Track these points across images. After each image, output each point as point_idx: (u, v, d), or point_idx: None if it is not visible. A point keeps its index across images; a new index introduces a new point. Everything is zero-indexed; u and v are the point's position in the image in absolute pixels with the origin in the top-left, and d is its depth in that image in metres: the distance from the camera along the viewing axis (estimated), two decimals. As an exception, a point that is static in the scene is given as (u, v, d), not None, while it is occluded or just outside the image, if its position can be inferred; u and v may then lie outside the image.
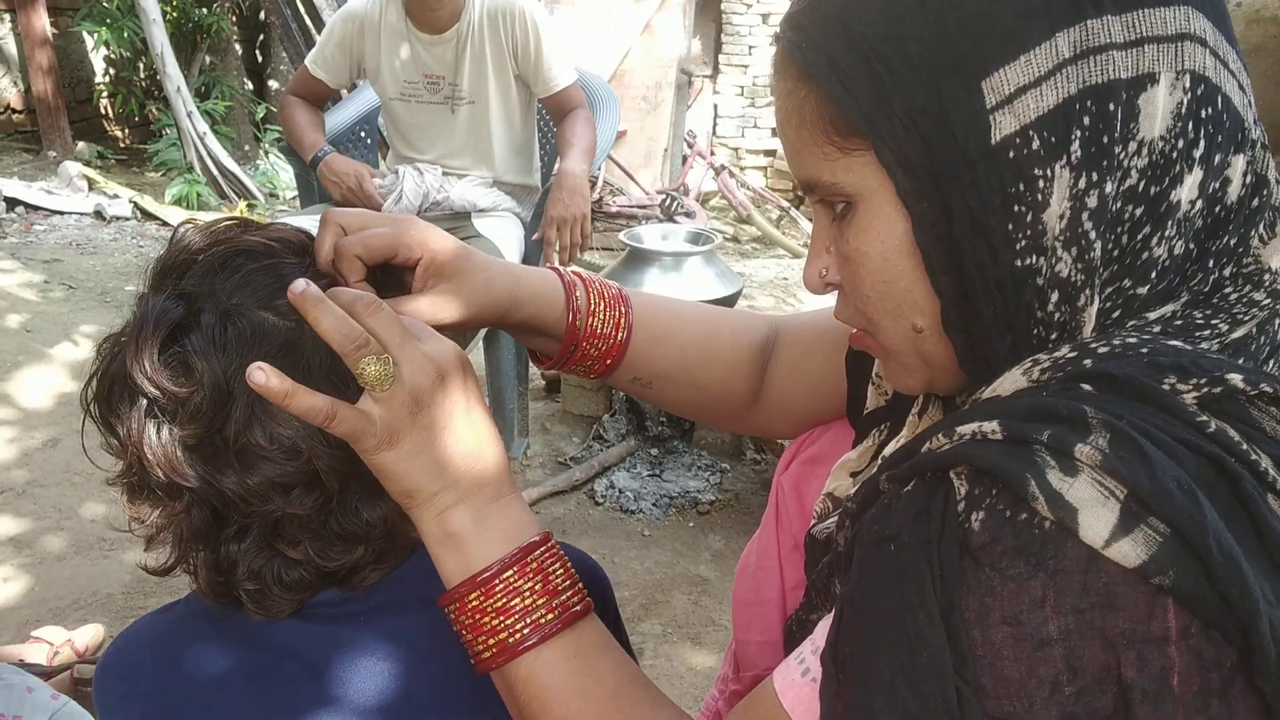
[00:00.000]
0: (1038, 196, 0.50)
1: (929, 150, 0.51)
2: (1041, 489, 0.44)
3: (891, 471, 0.54)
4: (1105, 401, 0.47)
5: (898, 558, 0.48)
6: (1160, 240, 0.51)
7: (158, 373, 0.60)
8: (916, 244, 0.53)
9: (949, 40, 0.49)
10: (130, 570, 2.20)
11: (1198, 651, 0.42)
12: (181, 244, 0.66)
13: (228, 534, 0.65)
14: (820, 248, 0.60)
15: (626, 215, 5.40)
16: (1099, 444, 0.44)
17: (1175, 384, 0.47)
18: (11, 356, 3.24)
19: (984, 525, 0.45)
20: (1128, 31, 0.49)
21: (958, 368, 0.57)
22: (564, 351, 0.81)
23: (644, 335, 0.83)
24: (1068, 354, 0.50)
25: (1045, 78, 0.49)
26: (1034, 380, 0.51)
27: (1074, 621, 0.43)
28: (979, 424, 0.48)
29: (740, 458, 2.77)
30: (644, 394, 0.86)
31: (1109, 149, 0.49)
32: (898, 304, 0.56)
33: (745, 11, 6.55)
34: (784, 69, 0.56)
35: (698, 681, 1.94)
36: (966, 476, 0.47)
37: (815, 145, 0.55)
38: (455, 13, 2.40)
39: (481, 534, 0.62)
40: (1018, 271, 0.51)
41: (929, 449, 0.52)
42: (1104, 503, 0.43)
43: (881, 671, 0.47)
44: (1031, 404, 0.48)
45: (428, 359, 0.61)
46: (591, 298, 0.81)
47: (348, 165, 2.46)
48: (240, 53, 7.22)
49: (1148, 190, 0.50)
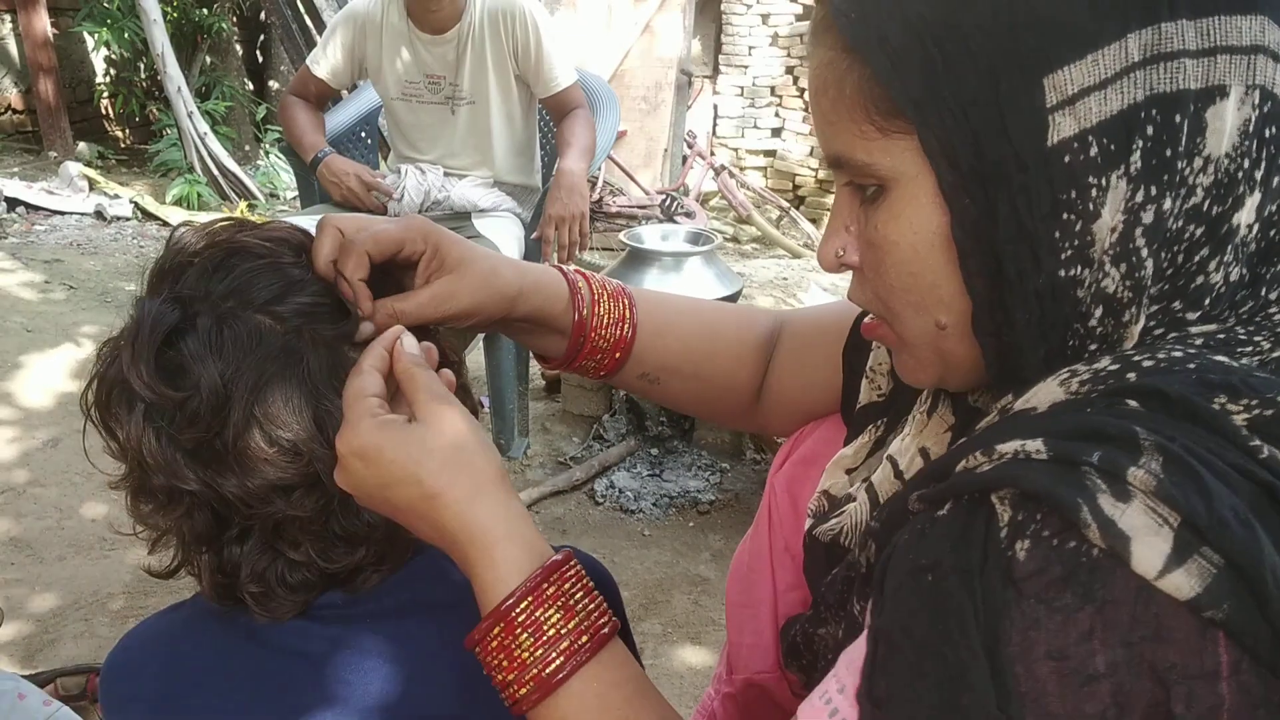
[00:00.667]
0: (1089, 206, 0.47)
1: (978, 146, 0.48)
2: (1094, 515, 0.41)
3: (923, 492, 0.51)
4: (1155, 421, 0.44)
5: (936, 588, 0.45)
6: (1218, 265, 0.48)
7: (153, 377, 0.60)
8: (953, 240, 0.50)
9: (1014, 32, 0.46)
10: (130, 570, 2.20)
11: (1247, 688, 0.40)
12: (178, 246, 0.66)
13: (230, 536, 0.65)
14: (840, 225, 0.57)
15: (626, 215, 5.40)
16: (1152, 468, 0.42)
17: (1226, 404, 0.44)
18: (12, 356, 3.25)
19: (1030, 554, 0.43)
20: (1201, 39, 0.46)
21: (977, 368, 0.55)
22: (572, 347, 0.80)
23: (648, 329, 0.83)
24: (1109, 366, 0.48)
25: (1111, 80, 0.46)
26: (1072, 392, 0.48)
27: (1123, 655, 0.41)
28: (1021, 443, 0.46)
29: (740, 458, 2.78)
30: (651, 391, 0.86)
31: (1171, 163, 0.46)
32: (922, 297, 0.53)
33: (745, 11, 6.54)
34: (824, 36, 0.53)
35: (698, 681, 1.94)
36: (1010, 501, 0.44)
37: (852, 122, 0.52)
38: (456, 13, 2.41)
39: (480, 580, 0.60)
40: (1060, 282, 0.49)
41: (965, 468, 0.49)
42: (1157, 531, 0.41)
43: (922, 710, 0.44)
44: (1077, 421, 0.45)
45: (452, 424, 0.61)
46: (594, 291, 0.81)
47: (347, 166, 2.46)
48: (240, 53, 7.22)
49: (1210, 210, 0.47)
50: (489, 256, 0.75)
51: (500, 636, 0.58)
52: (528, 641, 0.58)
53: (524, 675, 0.58)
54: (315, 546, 0.65)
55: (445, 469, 0.60)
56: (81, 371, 3.22)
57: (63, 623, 2.01)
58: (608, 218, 5.33)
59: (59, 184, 5.41)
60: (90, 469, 2.62)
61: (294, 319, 0.64)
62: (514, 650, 0.58)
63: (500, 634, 0.58)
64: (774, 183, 6.54)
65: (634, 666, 0.61)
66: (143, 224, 5.16)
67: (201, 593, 0.69)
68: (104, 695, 0.69)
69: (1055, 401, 0.49)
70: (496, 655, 0.59)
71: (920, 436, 0.63)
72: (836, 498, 0.70)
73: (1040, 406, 0.50)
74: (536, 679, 0.58)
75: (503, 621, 0.58)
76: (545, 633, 0.58)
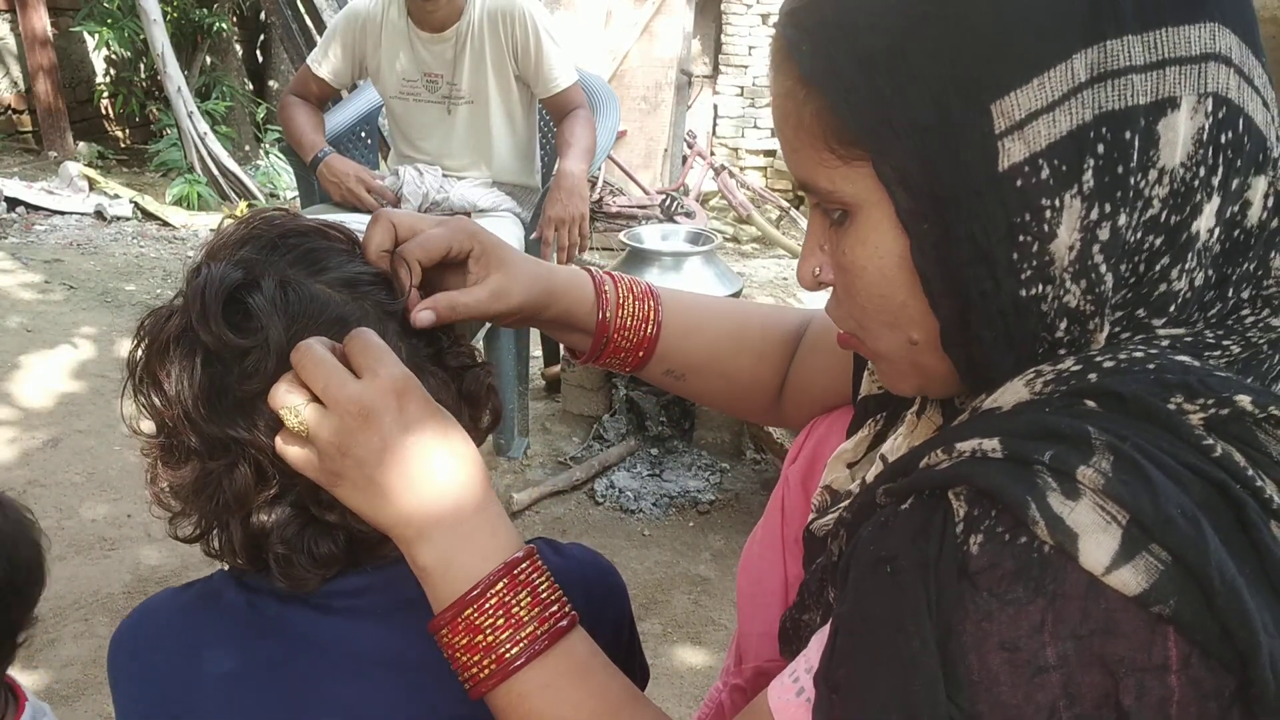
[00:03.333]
0: (1044, 227, 0.48)
1: (932, 171, 0.49)
2: (1042, 512, 0.43)
3: (889, 485, 0.53)
4: (1109, 420, 0.46)
5: (895, 580, 0.47)
6: (1180, 273, 0.49)
7: (220, 326, 0.62)
8: (914, 265, 0.51)
9: (958, 58, 0.47)
10: (130, 570, 2.20)
11: (1197, 681, 0.42)
12: (232, 226, 0.69)
13: (265, 497, 0.65)
14: (815, 245, 0.58)
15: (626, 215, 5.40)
16: (1102, 466, 0.43)
17: (1182, 403, 0.46)
18: (11, 356, 3.25)
19: (982, 548, 0.44)
20: (1149, 52, 0.46)
21: (953, 377, 0.56)
22: (596, 345, 0.84)
23: (674, 329, 0.85)
24: (1072, 367, 0.49)
25: (1059, 102, 0.46)
26: (1036, 393, 0.50)
27: (1073, 648, 0.42)
28: (979, 441, 0.47)
29: (740, 457, 2.78)
30: (676, 386, 0.89)
31: (1124, 179, 0.47)
32: (893, 317, 0.54)
33: (745, 11, 6.54)
34: (783, 66, 0.54)
35: (698, 681, 1.94)
36: (965, 497, 0.46)
37: (814, 150, 0.53)
38: (455, 12, 2.41)
39: (446, 568, 0.61)
40: (1022, 300, 0.49)
41: (927, 465, 0.50)
42: (1105, 528, 0.42)
43: (876, 697, 0.46)
44: (1033, 421, 0.47)
45: (351, 400, 0.60)
46: (620, 292, 0.84)
47: (347, 166, 2.46)
48: (240, 53, 7.22)
49: (1168, 220, 0.48)
50: (526, 259, 0.79)
51: (501, 592, 0.61)
52: (501, 621, 0.61)
53: (488, 656, 0.60)
54: (349, 509, 0.65)
55: (472, 449, 0.64)
56: (81, 372, 3.22)
57: (63, 623, 2.01)
58: (608, 218, 5.33)
59: (59, 184, 5.41)
60: (90, 468, 2.62)
61: (348, 291, 0.67)
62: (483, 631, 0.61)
63: (503, 589, 0.61)
64: (774, 182, 6.55)
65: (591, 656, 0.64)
66: (143, 224, 5.15)
67: (225, 559, 0.69)
68: (113, 666, 0.70)
69: (1020, 401, 0.50)
70: (464, 634, 0.61)
71: (911, 437, 0.64)
72: (839, 492, 0.70)
73: (1005, 406, 0.51)
74: (499, 660, 0.60)
75: (507, 576, 0.61)
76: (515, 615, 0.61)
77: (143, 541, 2.32)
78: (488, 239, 0.76)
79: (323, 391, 0.60)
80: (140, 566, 2.22)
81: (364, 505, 0.61)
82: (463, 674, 0.61)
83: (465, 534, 0.62)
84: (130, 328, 3.57)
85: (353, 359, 0.62)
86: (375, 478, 0.60)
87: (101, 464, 2.66)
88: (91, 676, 1.86)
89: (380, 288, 0.70)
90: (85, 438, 2.79)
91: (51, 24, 6.11)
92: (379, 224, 0.72)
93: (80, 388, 3.10)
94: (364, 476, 0.60)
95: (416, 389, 0.62)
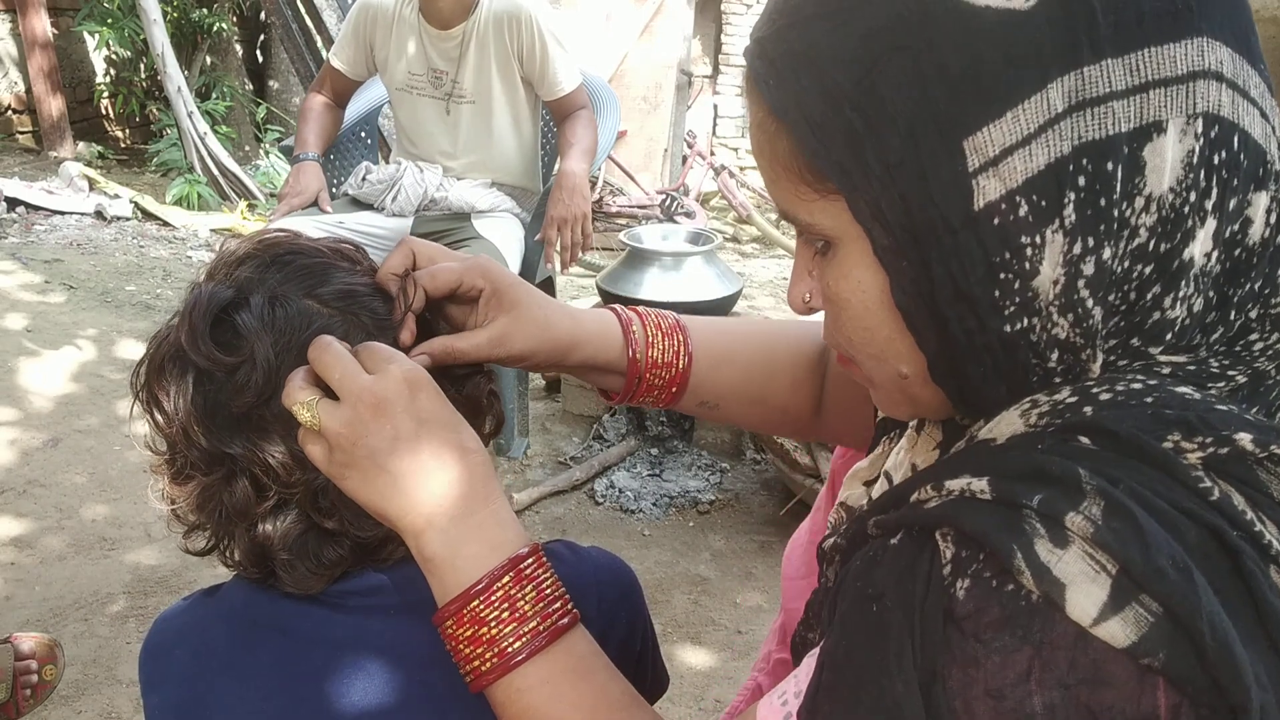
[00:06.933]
0: (1025, 265, 0.46)
1: (906, 209, 0.47)
2: (1028, 561, 0.42)
3: (879, 518, 0.52)
4: (1102, 461, 0.44)
5: (880, 619, 0.46)
6: (1175, 301, 0.47)
7: (208, 344, 0.64)
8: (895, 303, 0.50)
9: (927, 93, 0.45)
10: (130, 570, 2.20)
11: None
12: (233, 246, 0.71)
13: (266, 508, 0.67)
14: (804, 271, 0.57)
15: (626, 215, 5.40)
16: (1092, 513, 0.42)
17: (1179, 442, 0.44)
18: (11, 357, 3.25)
19: (969, 593, 0.44)
20: (1131, 76, 0.44)
21: (947, 405, 0.54)
22: (629, 386, 0.82)
23: (705, 360, 0.84)
24: (1067, 399, 0.48)
25: (1034, 135, 0.44)
26: (1031, 424, 0.48)
27: (1059, 697, 0.41)
28: (968, 480, 0.46)
29: (740, 457, 2.78)
30: (712, 415, 0.88)
31: (1107, 211, 0.45)
32: (880, 350, 0.53)
33: (745, 12, 6.55)
34: (754, 96, 0.52)
35: (698, 681, 1.94)
36: (953, 539, 0.45)
37: (789, 183, 0.51)
38: (464, 9, 2.43)
39: (453, 559, 0.61)
40: (1008, 336, 0.48)
41: (918, 499, 0.50)
42: (1094, 578, 0.41)
43: None
44: (1024, 461, 0.46)
45: (365, 389, 0.61)
46: (649, 330, 0.82)
47: (312, 182, 2.49)
48: (240, 53, 7.22)
49: (1157, 248, 0.46)
50: (544, 304, 0.77)
51: (507, 586, 0.61)
52: (505, 615, 0.61)
53: (490, 650, 0.61)
54: (349, 514, 0.66)
55: (475, 439, 0.65)
56: (81, 372, 3.22)
57: (62, 623, 2.01)
58: (608, 218, 5.33)
59: (59, 184, 5.41)
60: (90, 468, 2.62)
61: (340, 302, 0.68)
62: (489, 622, 0.61)
63: (509, 582, 0.61)
64: (774, 183, 6.54)
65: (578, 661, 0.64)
66: (142, 224, 5.15)
67: (235, 569, 0.71)
68: (141, 674, 0.73)
69: (1014, 433, 0.49)
70: (469, 626, 0.61)
71: (912, 452, 0.63)
72: (854, 509, 0.70)
73: (1000, 438, 0.50)
74: (501, 654, 0.60)
75: (514, 570, 0.61)
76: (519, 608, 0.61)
77: (143, 541, 2.32)
78: (503, 282, 0.74)
79: (338, 382, 0.61)
80: (140, 566, 2.22)
81: (373, 495, 0.62)
82: (464, 666, 0.62)
83: (474, 526, 0.62)
84: (130, 328, 3.58)
85: (364, 362, 0.63)
86: (386, 466, 0.61)
87: (101, 464, 2.66)
88: (91, 676, 1.86)
89: (377, 299, 0.70)
90: (85, 438, 2.79)
91: (51, 24, 6.11)
92: (399, 250, 0.73)
93: (80, 388, 3.10)
94: (375, 465, 0.61)
95: (428, 383, 0.63)
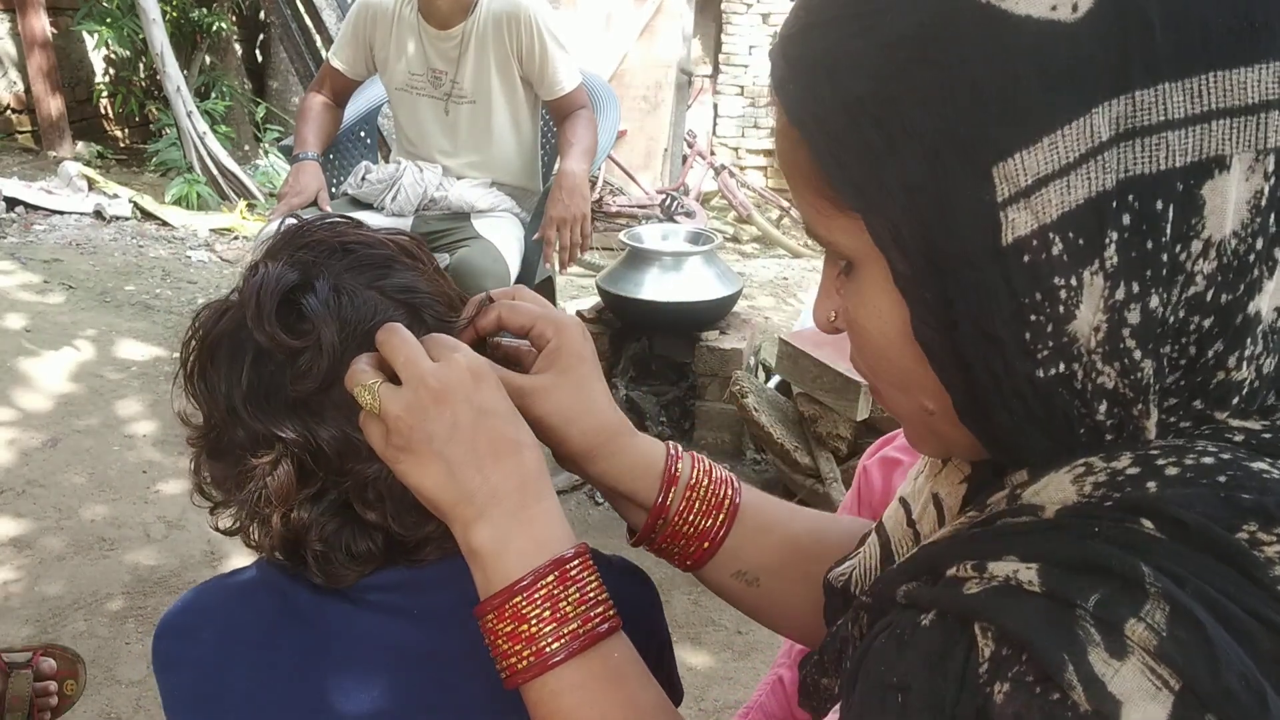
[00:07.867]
0: (1059, 309, 0.41)
1: (928, 236, 0.42)
2: (1080, 674, 0.37)
3: (909, 589, 0.47)
4: (1167, 555, 0.39)
5: (903, 713, 0.42)
6: (1240, 360, 0.42)
7: (274, 326, 0.63)
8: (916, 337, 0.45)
9: (953, 109, 0.40)
10: (130, 570, 2.20)
11: None
12: (298, 227, 0.70)
13: (306, 494, 0.66)
14: (830, 288, 0.52)
15: (626, 215, 5.40)
16: (1155, 619, 0.37)
17: (1256, 533, 0.39)
18: (10, 356, 3.24)
19: (1009, 698, 0.39)
20: (1192, 103, 0.38)
21: (977, 447, 0.49)
22: (650, 525, 0.74)
23: (749, 524, 0.75)
24: (1128, 469, 0.42)
25: (1074, 166, 0.39)
26: (1084, 495, 0.43)
27: None
28: (1016, 566, 0.41)
29: (740, 457, 2.77)
30: (747, 595, 0.77)
31: (1154, 255, 0.40)
32: (904, 382, 0.49)
33: (745, 11, 6.55)
34: (775, 101, 0.48)
35: (698, 681, 1.94)
36: (994, 635, 0.40)
37: (810, 194, 0.47)
38: (463, 9, 2.43)
39: (501, 552, 0.61)
40: (1041, 382, 0.43)
41: (955, 576, 0.45)
42: (1154, 696, 0.37)
43: None
44: (1079, 549, 0.41)
45: (429, 374, 0.61)
46: (696, 474, 0.74)
47: (311, 182, 2.49)
48: (240, 53, 7.22)
49: (1218, 299, 0.41)
50: (602, 392, 0.72)
51: (551, 585, 0.60)
52: (547, 614, 0.60)
53: (530, 648, 0.59)
54: (391, 508, 0.66)
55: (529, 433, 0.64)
56: (81, 372, 3.21)
57: (62, 623, 2.01)
58: (608, 217, 5.33)
59: (58, 183, 5.40)
60: (90, 468, 2.62)
61: (403, 295, 0.68)
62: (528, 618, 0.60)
63: (553, 581, 0.60)
64: (774, 182, 6.55)
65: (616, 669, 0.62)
66: (142, 224, 5.15)
67: (264, 552, 0.70)
68: (156, 652, 0.72)
69: (1066, 503, 0.44)
70: (510, 622, 0.60)
71: (935, 481, 0.60)
72: (886, 544, 0.67)
73: (1049, 505, 0.45)
74: (537, 653, 0.59)
75: (557, 570, 0.60)
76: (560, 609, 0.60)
77: (142, 542, 2.32)
78: (574, 347, 0.70)
79: (402, 365, 0.61)
80: (139, 567, 2.22)
81: (425, 481, 0.61)
82: (501, 662, 0.61)
83: (525, 520, 0.61)
84: (129, 328, 3.58)
85: (430, 349, 0.63)
86: (444, 452, 0.60)
87: (101, 464, 2.66)
88: (91, 677, 1.86)
89: (439, 302, 0.70)
90: (85, 438, 2.79)
91: (51, 23, 6.10)
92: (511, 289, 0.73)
93: (79, 388, 3.10)
94: (431, 451, 0.60)
95: (490, 375, 0.63)
